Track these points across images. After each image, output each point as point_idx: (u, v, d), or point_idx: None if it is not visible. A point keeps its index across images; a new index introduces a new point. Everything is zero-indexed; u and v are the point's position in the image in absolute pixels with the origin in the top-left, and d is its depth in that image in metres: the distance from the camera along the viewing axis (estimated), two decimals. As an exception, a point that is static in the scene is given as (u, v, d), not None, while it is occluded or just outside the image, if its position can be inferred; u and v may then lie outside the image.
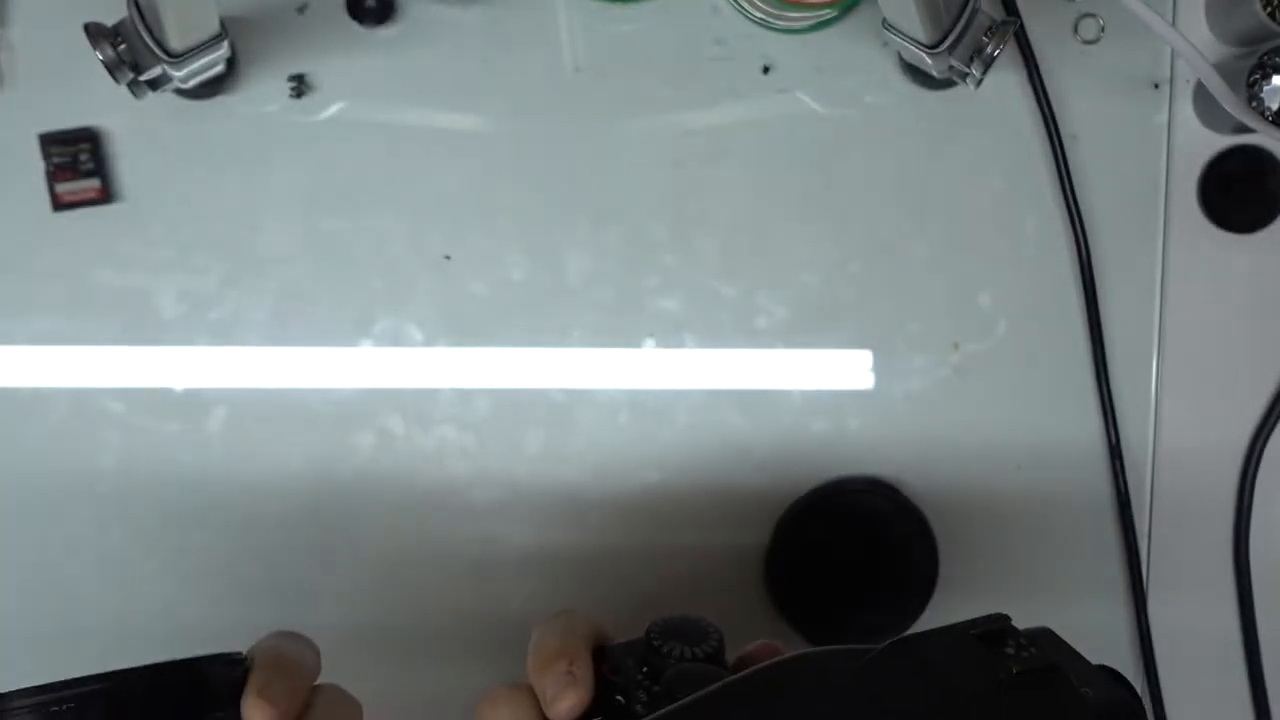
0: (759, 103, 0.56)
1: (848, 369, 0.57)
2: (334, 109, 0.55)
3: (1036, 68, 0.55)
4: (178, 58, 0.46)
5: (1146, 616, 0.58)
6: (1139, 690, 0.59)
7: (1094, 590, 0.58)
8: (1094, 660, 0.35)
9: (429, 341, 0.57)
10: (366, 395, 0.57)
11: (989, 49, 0.46)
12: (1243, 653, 0.59)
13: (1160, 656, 0.58)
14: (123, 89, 0.47)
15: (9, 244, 0.55)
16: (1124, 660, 0.58)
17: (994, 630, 0.34)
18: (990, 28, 0.46)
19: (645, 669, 0.37)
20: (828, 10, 0.52)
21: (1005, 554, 0.58)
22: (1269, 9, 0.52)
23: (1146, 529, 0.58)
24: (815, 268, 0.57)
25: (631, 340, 0.57)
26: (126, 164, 0.55)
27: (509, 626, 0.58)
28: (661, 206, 0.56)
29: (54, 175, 0.54)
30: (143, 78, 0.47)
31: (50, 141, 0.54)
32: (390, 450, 0.57)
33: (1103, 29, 0.56)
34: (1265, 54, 0.52)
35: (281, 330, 0.56)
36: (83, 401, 0.56)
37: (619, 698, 0.36)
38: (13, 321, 0.56)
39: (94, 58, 0.45)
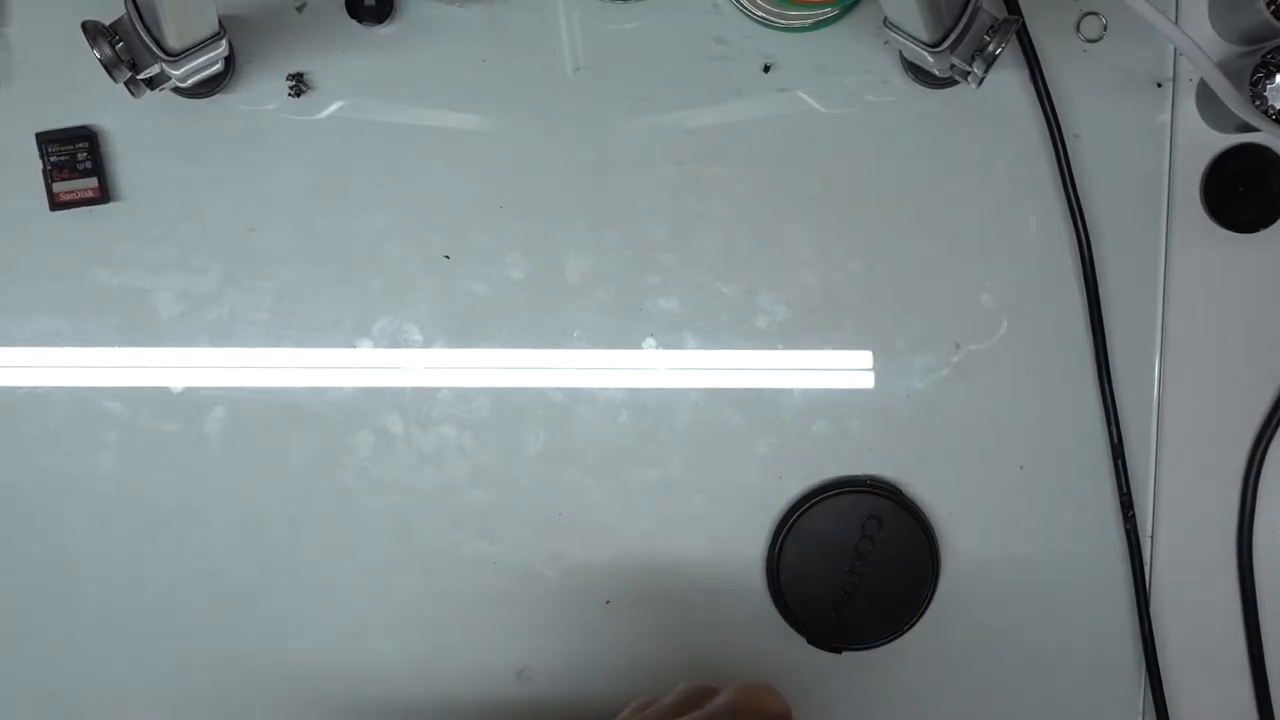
0: (759, 102, 0.56)
1: (848, 369, 0.57)
2: (333, 108, 0.55)
3: (1039, 66, 0.55)
4: (176, 56, 0.46)
5: (1149, 617, 0.58)
6: (1141, 690, 0.58)
7: (1096, 591, 0.58)
8: (1097, 660, 0.35)
9: (428, 341, 0.56)
10: (366, 395, 0.57)
11: (991, 47, 0.46)
12: (1246, 653, 0.59)
13: (1163, 657, 0.58)
14: (120, 87, 0.46)
15: (6, 243, 0.55)
16: (1126, 661, 0.58)
17: None
18: (992, 26, 0.46)
19: None
20: (828, 9, 0.52)
21: (1006, 554, 0.58)
22: (1273, 7, 0.52)
23: (1149, 529, 0.58)
24: (816, 268, 0.57)
25: (631, 340, 0.57)
26: (124, 163, 0.55)
27: (509, 626, 0.58)
28: (661, 206, 0.56)
29: (51, 174, 0.54)
30: (140, 76, 0.47)
31: (47, 140, 0.54)
32: (390, 450, 0.57)
33: (1105, 27, 0.56)
34: (1269, 52, 0.52)
35: (280, 330, 0.56)
36: (81, 401, 0.56)
37: None
38: (10, 321, 0.56)
39: (91, 56, 0.45)
